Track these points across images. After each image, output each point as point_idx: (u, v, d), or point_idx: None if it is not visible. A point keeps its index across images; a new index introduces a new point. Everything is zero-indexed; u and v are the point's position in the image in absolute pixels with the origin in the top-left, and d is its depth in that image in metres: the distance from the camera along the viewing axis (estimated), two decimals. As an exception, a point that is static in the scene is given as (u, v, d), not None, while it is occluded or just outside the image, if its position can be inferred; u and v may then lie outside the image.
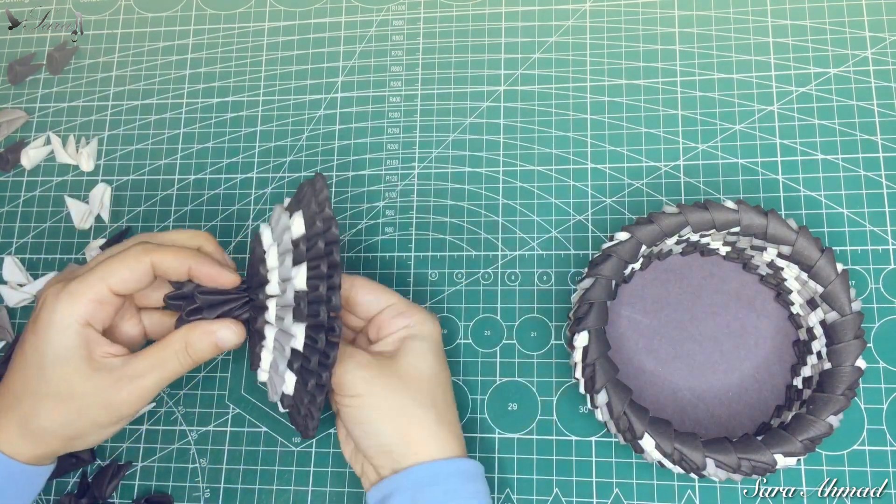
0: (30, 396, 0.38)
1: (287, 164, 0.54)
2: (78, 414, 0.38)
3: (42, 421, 0.38)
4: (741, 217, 0.42)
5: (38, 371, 0.38)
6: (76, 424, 0.38)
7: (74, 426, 0.38)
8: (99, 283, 0.38)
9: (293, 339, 0.37)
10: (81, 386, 0.37)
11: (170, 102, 0.57)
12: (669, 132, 0.51)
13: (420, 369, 0.42)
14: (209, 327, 0.39)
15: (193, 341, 0.39)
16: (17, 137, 0.58)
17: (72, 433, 0.39)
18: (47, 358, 0.37)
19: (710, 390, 0.45)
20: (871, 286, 0.46)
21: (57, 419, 0.38)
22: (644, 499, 0.45)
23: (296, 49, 0.57)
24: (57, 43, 0.60)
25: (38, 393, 0.38)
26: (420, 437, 0.40)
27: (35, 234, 0.55)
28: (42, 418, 0.38)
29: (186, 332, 0.39)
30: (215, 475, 0.48)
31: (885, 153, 0.48)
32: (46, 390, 0.38)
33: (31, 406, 0.38)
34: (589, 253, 0.49)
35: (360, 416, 0.40)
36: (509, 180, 0.51)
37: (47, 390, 0.38)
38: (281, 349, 0.38)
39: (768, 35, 0.52)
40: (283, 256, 0.38)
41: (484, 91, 0.54)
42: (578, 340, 0.41)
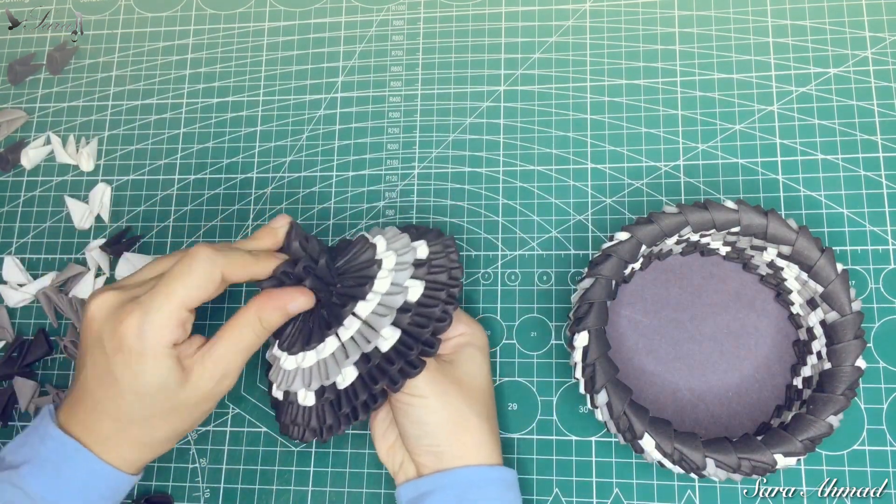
0: (138, 421, 0.39)
1: (287, 164, 0.54)
2: (186, 417, 0.39)
3: (157, 434, 0.39)
4: (741, 217, 0.42)
5: (138, 398, 0.38)
6: (186, 425, 0.40)
7: (185, 426, 0.40)
8: (178, 308, 0.37)
9: (380, 340, 0.39)
10: (183, 396, 0.38)
11: (170, 102, 0.57)
12: (669, 132, 0.51)
13: (476, 377, 0.43)
14: (280, 299, 0.40)
15: (265, 315, 0.39)
16: (17, 137, 0.58)
17: (183, 431, 0.40)
18: (147, 387, 0.38)
19: (710, 390, 0.45)
20: (871, 286, 0.46)
21: (170, 430, 0.39)
22: (644, 499, 0.45)
23: (296, 49, 0.57)
24: (57, 43, 0.60)
25: (144, 416, 0.38)
26: (471, 443, 0.41)
27: (35, 234, 0.55)
28: (158, 432, 0.39)
29: (257, 305, 0.39)
30: (215, 475, 0.48)
31: (885, 153, 0.48)
32: (152, 412, 0.38)
33: (141, 428, 0.39)
34: (589, 253, 0.49)
35: (420, 416, 0.40)
36: (509, 180, 0.51)
37: (153, 412, 0.38)
38: (354, 345, 0.39)
39: (768, 35, 0.52)
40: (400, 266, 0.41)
41: (484, 91, 0.54)
42: (578, 340, 0.41)
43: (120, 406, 0.38)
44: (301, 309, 0.40)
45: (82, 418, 0.39)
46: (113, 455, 0.39)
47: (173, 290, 0.37)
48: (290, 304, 0.40)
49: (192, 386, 0.38)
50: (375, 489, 0.47)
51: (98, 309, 0.38)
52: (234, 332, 0.39)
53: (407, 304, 0.40)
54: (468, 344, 0.44)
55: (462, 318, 0.45)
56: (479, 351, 0.45)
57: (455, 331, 0.44)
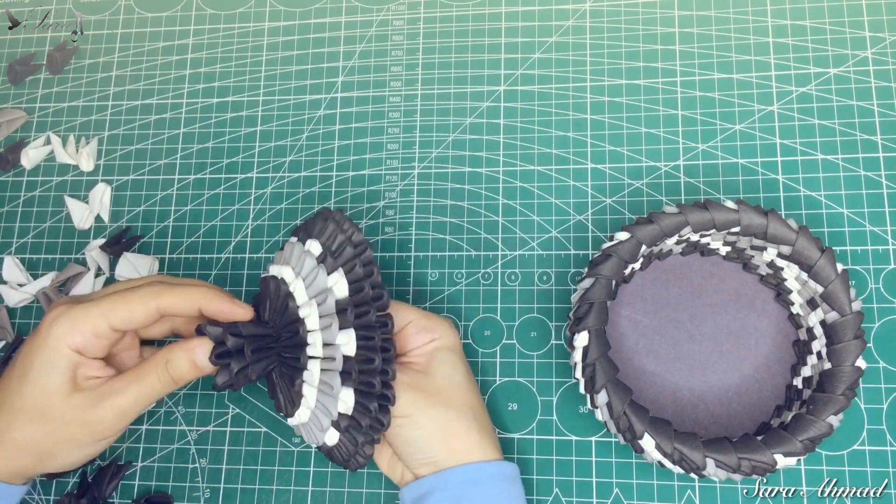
0: (6, 409, 0.38)
1: (287, 164, 0.54)
2: (52, 431, 0.38)
3: (14, 433, 0.38)
4: (741, 217, 0.42)
5: (18, 385, 0.38)
6: (49, 441, 0.38)
7: (47, 443, 0.38)
8: (100, 317, 0.38)
9: (340, 403, 0.37)
10: (59, 405, 0.38)
11: (170, 102, 0.57)
12: (669, 132, 0.51)
13: (455, 380, 0.43)
14: (188, 345, 0.39)
15: (173, 358, 0.39)
16: (17, 137, 0.58)
17: (44, 450, 0.38)
18: (30, 374, 0.38)
19: (710, 390, 0.45)
20: (871, 286, 0.46)
21: (28, 434, 0.38)
22: (644, 499, 0.45)
23: (296, 49, 0.57)
24: (57, 43, 0.60)
25: (13, 407, 0.38)
26: (464, 448, 0.41)
27: (35, 234, 0.55)
28: (14, 431, 0.38)
29: (167, 350, 0.39)
30: (215, 475, 0.48)
31: (885, 153, 0.48)
32: (22, 405, 0.38)
33: (5, 418, 0.38)
34: (589, 253, 0.49)
35: (409, 436, 0.40)
36: (509, 180, 0.51)
37: (22, 405, 0.38)
38: (324, 408, 0.38)
39: (768, 35, 0.52)
40: (326, 319, 0.38)
41: (484, 91, 0.54)
42: (578, 340, 0.41)
43: (4, 393, 0.38)
44: (205, 357, 0.39)
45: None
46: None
47: (103, 301, 0.38)
48: (196, 351, 0.39)
49: (73, 402, 0.38)
50: (375, 489, 0.47)
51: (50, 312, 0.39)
52: (138, 374, 0.39)
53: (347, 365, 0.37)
54: (439, 348, 0.43)
55: (426, 323, 0.43)
56: (450, 352, 0.43)
57: (421, 339, 0.43)
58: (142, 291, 0.39)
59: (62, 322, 0.38)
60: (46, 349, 0.38)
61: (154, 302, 0.39)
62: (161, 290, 0.39)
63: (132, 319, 0.39)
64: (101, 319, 0.38)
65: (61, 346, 0.38)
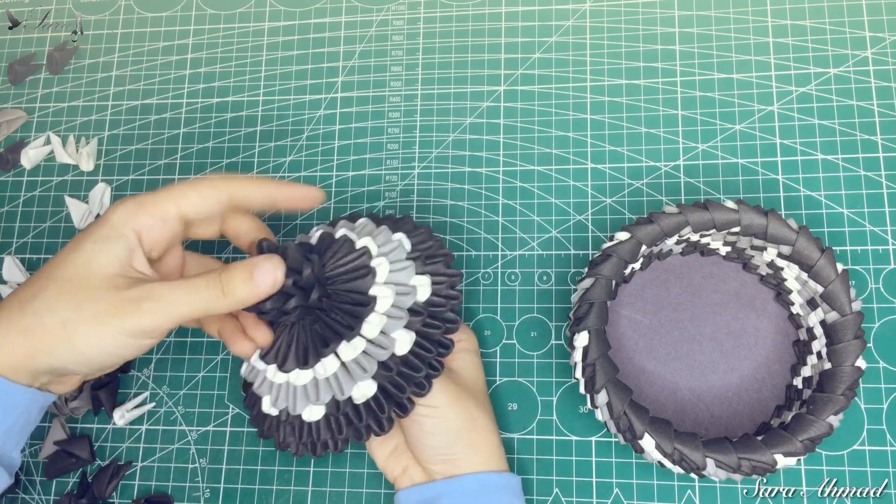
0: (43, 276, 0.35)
1: (287, 164, 0.54)
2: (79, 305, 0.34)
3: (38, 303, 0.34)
4: (741, 217, 0.42)
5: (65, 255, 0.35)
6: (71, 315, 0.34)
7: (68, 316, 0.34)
8: (169, 201, 0.36)
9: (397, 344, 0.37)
10: (98, 278, 0.34)
11: (170, 102, 0.57)
12: (669, 132, 0.51)
13: (478, 382, 0.43)
14: (248, 259, 0.36)
15: (229, 268, 0.35)
16: (17, 137, 0.58)
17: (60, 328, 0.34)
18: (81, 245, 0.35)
19: (710, 390, 0.45)
20: (871, 286, 0.46)
21: (53, 303, 0.34)
22: (644, 499, 0.45)
23: (296, 49, 0.57)
24: (57, 43, 0.60)
25: (51, 275, 0.35)
26: (485, 447, 0.41)
27: (35, 234, 0.55)
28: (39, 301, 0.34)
29: (226, 270, 0.35)
30: (215, 475, 0.48)
31: (885, 153, 0.48)
32: (60, 274, 0.35)
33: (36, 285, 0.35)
34: (589, 253, 0.49)
35: (434, 426, 0.39)
36: (509, 180, 0.51)
37: (61, 274, 0.35)
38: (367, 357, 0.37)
39: (768, 35, 0.52)
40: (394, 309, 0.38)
41: (484, 91, 0.54)
42: (578, 340, 0.41)
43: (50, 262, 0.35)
44: (272, 290, 0.35)
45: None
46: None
47: (173, 188, 0.36)
48: (260, 264, 0.35)
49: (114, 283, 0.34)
50: (375, 489, 0.47)
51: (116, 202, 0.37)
52: (187, 278, 0.35)
53: (390, 360, 0.37)
54: (464, 350, 0.44)
55: None
56: (474, 355, 0.45)
57: (455, 337, 0.43)
58: (213, 177, 0.37)
59: (129, 204, 0.36)
60: (106, 226, 0.35)
61: (226, 186, 0.37)
62: (233, 176, 0.37)
63: (202, 204, 0.37)
64: (171, 203, 0.36)
65: (123, 226, 0.35)
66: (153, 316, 0.34)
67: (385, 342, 0.37)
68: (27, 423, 0.38)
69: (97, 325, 0.34)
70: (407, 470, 0.42)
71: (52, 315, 0.34)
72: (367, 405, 0.37)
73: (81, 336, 0.34)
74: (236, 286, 0.35)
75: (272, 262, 0.35)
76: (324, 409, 0.38)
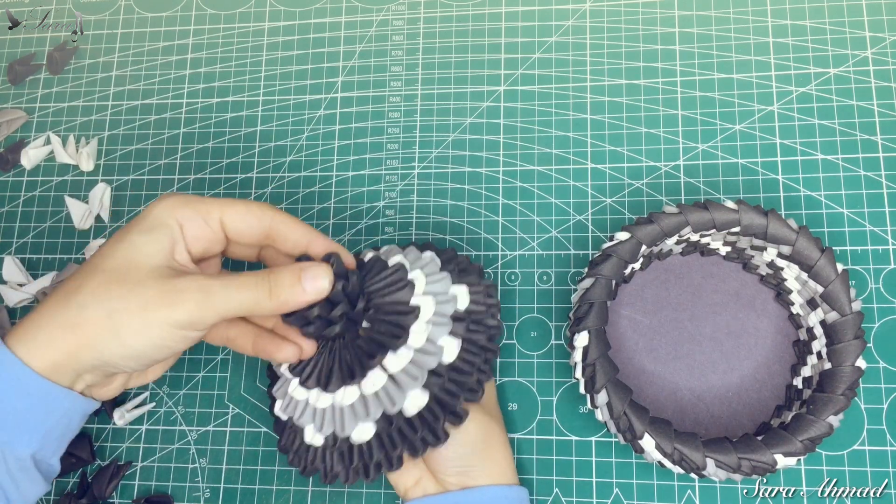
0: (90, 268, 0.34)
1: (287, 164, 0.54)
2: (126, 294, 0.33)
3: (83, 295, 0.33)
4: (741, 217, 0.42)
5: (111, 245, 0.35)
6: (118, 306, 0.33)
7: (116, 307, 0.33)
8: (214, 205, 0.36)
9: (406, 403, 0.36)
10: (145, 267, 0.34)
11: (170, 102, 0.57)
12: (669, 132, 0.51)
13: (492, 395, 0.44)
14: (296, 263, 0.36)
15: (277, 270, 0.35)
16: (17, 137, 0.58)
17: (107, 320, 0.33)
18: (127, 236, 0.35)
19: (710, 390, 0.45)
20: (871, 286, 0.46)
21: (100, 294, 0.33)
22: (644, 499, 0.45)
23: (296, 49, 0.57)
24: (57, 43, 0.60)
25: (96, 266, 0.34)
26: (501, 459, 0.41)
27: (35, 234, 0.55)
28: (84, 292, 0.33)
29: (273, 272, 0.35)
30: (215, 475, 0.48)
31: (885, 153, 0.48)
32: (106, 265, 0.34)
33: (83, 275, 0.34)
34: (589, 253, 0.49)
35: (453, 437, 0.38)
36: (509, 180, 0.51)
37: (107, 265, 0.34)
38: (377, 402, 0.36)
39: (768, 35, 0.52)
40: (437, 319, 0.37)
41: (484, 91, 0.54)
42: (578, 340, 0.41)
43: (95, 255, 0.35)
44: (318, 297, 0.35)
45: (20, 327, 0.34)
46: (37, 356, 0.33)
47: (221, 198, 0.37)
48: (308, 269, 0.35)
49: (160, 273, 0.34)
50: (375, 489, 0.47)
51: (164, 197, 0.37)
52: (236, 280, 0.34)
53: (439, 367, 0.36)
54: None
55: None
56: None
57: None
58: (262, 203, 0.37)
59: (173, 198, 0.36)
60: (150, 217, 0.35)
61: (270, 214, 0.37)
62: (279, 210, 0.37)
63: (244, 221, 0.37)
64: (215, 206, 0.36)
65: (167, 216, 0.35)
66: (199, 307, 0.33)
67: (432, 349, 0.36)
68: (67, 430, 0.37)
69: (145, 314, 0.33)
70: (420, 481, 0.41)
71: (98, 307, 0.33)
72: (421, 416, 0.36)
73: (128, 327, 0.33)
74: (284, 288, 0.35)
75: (321, 268, 0.36)
76: (374, 426, 0.36)
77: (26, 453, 0.35)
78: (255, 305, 0.34)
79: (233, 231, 0.37)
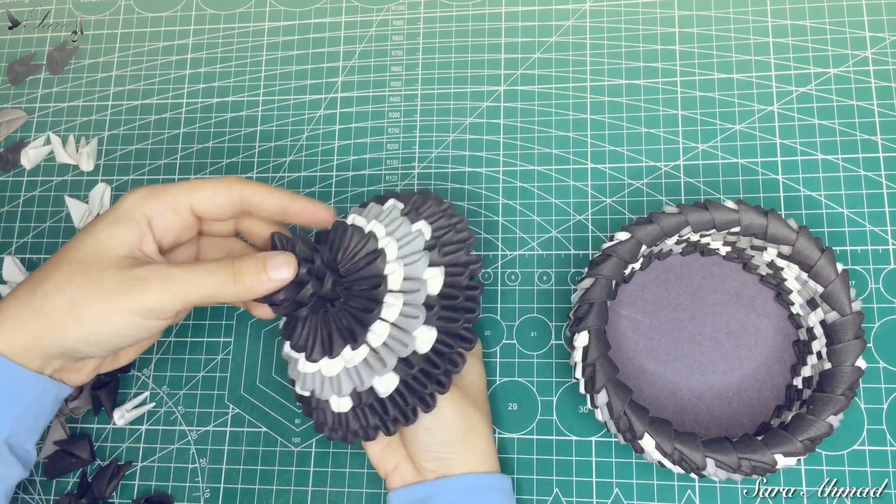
0: (55, 259, 0.36)
1: (287, 164, 0.54)
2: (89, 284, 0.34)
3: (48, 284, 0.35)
4: (741, 217, 0.42)
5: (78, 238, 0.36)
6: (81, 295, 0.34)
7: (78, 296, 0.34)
8: (182, 192, 0.37)
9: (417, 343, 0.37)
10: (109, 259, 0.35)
11: (170, 102, 0.57)
12: (669, 132, 0.51)
13: (477, 384, 0.44)
14: (262, 254, 0.36)
15: (242, 258, 0.36)
16: (17, 137, 0.58)
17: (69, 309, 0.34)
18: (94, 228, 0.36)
19: (710, 390, 0.45)
20: (871, 286, 0.46)
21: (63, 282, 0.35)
22: (644, 499, 0.45)
23: (296, 49, 0.57)
24: (57, 43, 0.60)
25: (62, 258, 0.35)
26: (480, 448, 0.41)
27: (35, 234, 0.55)
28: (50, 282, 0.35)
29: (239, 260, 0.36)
30: (215, 475, 0.48)
31: (885, 153, 0.48)
32: (72, 256, 0.35)
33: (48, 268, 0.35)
34: (589, 253, 0.49)
35: (433, 424, 0.40)
36: (509, 180, 0.51)
37: (73, 256, 0.35)
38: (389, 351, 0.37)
39: (768, 35, 0.52)
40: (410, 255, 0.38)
41: (484, 91, 0.54)
42: (578, 340, 0.41)
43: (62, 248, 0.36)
44: (282, 284, 0.36)
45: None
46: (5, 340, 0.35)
47: (188, 182, 0.37)
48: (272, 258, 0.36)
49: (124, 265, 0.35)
50: (376, 489, 0.47)
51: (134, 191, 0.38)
52: (200, 269, 0.35)
53: (430, 299, 0.37)
54: (470, 353, 0.45)
55: None
56: (478, 359, 0.45)
57: None
58: (229, 177, 0.38)
59: (141, 191, 0.37)
60: (118, 210, 0.36)
61: (239, 187, 0.37)
62: (248, 180, 0.38)
63: (213, 201, 0.37)
64: (183, 194, 0.37)
65: (134, 210, 0.36)
66: (160, 295, 0.34)
67: (406, 339, 0.37)
68: (40, 414, 0.38)
69: (105, 302, 0.34)
70: (398, 467, 0.42)
71: (61, 294, 0.34)
72: (392, 399, 0.37)
73: (89, 314, 0.34)
74: (248, 275, 0.35)
75: (285, 256, 0.36)
76: (350, 400, 0.38)
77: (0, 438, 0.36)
78: (219, 292, 0.35)
79: (204, 213, 0.38)
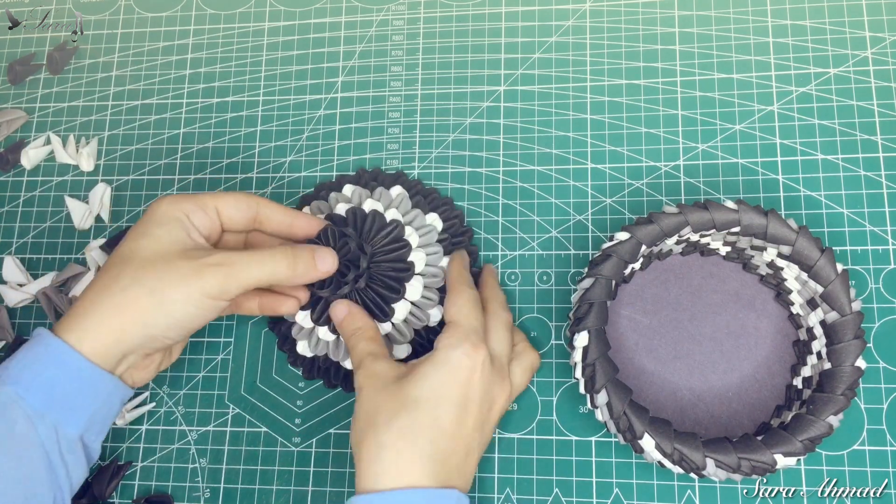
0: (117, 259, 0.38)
1: (287, 164, 0.54)
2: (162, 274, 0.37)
3: (122, 281, 0.37)
4: (741, 217, 0.42)
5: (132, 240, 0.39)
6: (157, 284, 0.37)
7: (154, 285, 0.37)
8: (208, 197, 0.41)
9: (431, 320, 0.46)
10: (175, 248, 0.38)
11: (170, 102, 0.57)
12: (669, 132, 0.51)
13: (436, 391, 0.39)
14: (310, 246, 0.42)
15: (298, 250, 0.41)
16: (17, 137, 0.58)
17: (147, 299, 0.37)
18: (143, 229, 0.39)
19: (710, 390, 0.45)
20: (871, 286, 0.46)
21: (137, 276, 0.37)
22: (644, 499, 0.45)
23: (296, 49, 0.57)
24: (57, 43, 0.60)
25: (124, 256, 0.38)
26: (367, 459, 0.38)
27: (35, 234, 0.55)
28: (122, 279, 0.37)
29: (294, 247, 0.41)
30: (215, 475, 0.48)
31: (885, 153, 0.48)
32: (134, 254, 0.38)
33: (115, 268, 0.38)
34: (589, 253, 0.49)
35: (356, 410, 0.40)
36: (509, 180, 0.51)
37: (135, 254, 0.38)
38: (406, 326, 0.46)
39: (768, 35, 0.52)
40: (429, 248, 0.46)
41: (484, 91, 0.54)
42: (578, 340, 0.41)
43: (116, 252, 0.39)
44: (326, 274, 0.42)
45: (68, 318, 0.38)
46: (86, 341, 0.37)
47: (212, 192, 0.42)
48: (320, 251, 0.41)
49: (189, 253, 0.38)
50: (375, 489, 0.47)
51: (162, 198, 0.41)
52: (262, 254, 0.39)
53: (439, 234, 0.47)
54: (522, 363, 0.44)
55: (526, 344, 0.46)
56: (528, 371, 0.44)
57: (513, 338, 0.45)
58: (247, 192, 0.43)
59: (171, 197, 0.41)
60: (156, 215, 0.40)
61: (256, 200, 0.42)
62: (261, 198, 0.43)
63: (236, 209, 0.41)
64: (209, 199, 0.41)
65: (172, 211, 0.40)
66: (229, 279, 0.38)
67: (422, 316, 0.45)
68: (109, 414, 0.40)
69: (184, 286, 0.37)
70: None
71: (140, 286, 0.37)
72: None
73: (171, 299, 0.37)
74: (304, 263, 0.40)
75: (329, 251, 0.42)
76: (409, 347, 0.46)
77: (76, 434, 0.38)
78: (274, 275, 0.39)
79: (227, 218, 0.42)
